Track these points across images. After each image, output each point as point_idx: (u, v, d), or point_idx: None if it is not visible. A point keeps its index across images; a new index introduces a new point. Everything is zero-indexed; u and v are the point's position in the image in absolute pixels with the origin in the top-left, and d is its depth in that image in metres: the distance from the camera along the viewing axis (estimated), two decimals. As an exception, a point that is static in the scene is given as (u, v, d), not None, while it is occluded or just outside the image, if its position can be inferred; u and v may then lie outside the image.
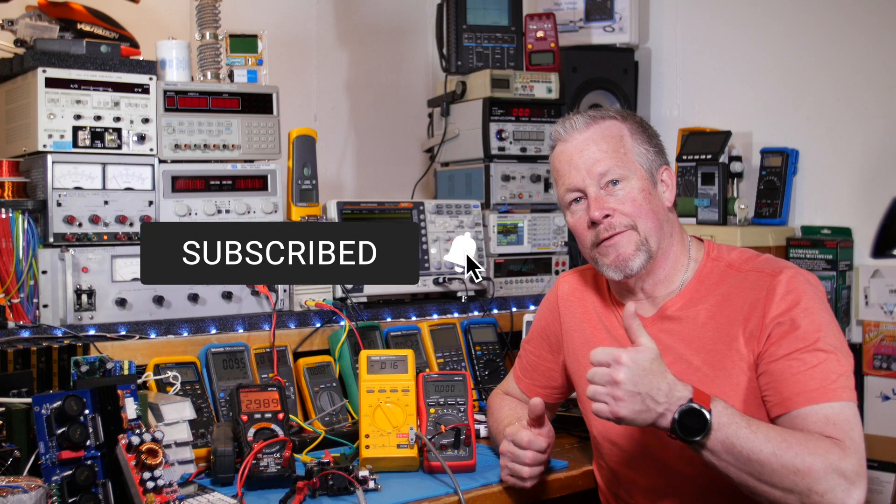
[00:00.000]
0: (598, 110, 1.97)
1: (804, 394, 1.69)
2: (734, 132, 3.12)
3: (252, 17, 3.11)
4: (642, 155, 1.91)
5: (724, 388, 1.79)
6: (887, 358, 2.80)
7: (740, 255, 1.91)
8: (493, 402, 2.25)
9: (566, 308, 2.10)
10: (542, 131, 3.13)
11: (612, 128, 1.92)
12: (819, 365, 1.70)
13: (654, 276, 1.92)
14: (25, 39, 2.39)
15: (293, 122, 2.80)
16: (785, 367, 1.72)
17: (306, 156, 2.67)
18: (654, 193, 1.90)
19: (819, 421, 1.66)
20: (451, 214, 2.89)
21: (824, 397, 1.67)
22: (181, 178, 2.49)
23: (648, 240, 1.87)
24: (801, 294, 1.77)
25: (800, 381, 1.70)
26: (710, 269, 1.90)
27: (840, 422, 1.66)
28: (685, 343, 1.86)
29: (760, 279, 1.81)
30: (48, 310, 2.29)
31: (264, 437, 1.97)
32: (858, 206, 2.91)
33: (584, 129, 1.92)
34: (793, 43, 3.09)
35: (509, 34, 3.21)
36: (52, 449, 1.68)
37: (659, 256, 1.90)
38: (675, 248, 1.92)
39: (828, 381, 1.69)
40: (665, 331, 1.89)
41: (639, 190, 1.88)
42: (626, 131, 1.92)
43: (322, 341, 2.53)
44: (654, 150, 1.94)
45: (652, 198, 1.89)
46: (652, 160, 1.92)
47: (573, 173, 1.91)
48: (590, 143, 1.90)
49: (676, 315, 1.89)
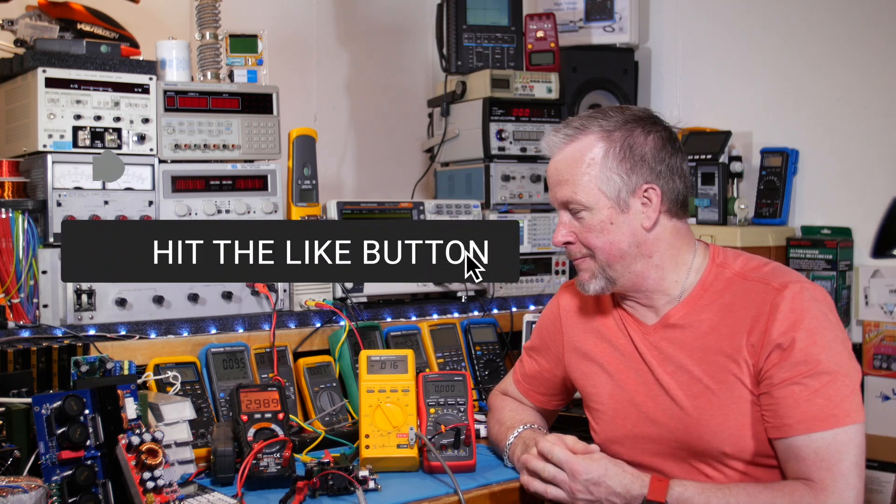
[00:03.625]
0: (586, 119, 1.88)
1: (804, 422, 1.69)
2: (734, 132, 3.12)
3: (252, 17, 3.11)
4: (609, 182, 1.82)
5: (725, 400, 1.79)
6: (887, 358, 2.80)
7: (746, 263, 1.87)
8: (494, 403, 2.25)
9: (568, 318, 2.09)
10: (541, 131, 3.13)
11: (585, 149, 1.84)
12: (822, 389, 1.69)
13: (639, 291, 1.90)
14: (25, 39, 2.39)
15: (293, 122, 2.80)
16: (787, 392, 1.71)
17: (306, 156, 2.67)
18: (622, 220, 1.84)
19: (808, 457, 1.68)
20: (451, 214, 2.89)
21: (824, 424, 1.67)
22: (181, 178, 2.49)
23: (606, 269, 1.87)
24: (804, 312, 1.73)
25: (800, 408, 1.69)
26: (714, 276, 1.87)
27: (829, 455, 1.66)
28: (687, 353, 1.85)
29: (766, 292, 1.78)
30: (48, 310, 2.29)
31: (264, 437, 1.97)
32: (858, 206, 2.91)
33: (558, 151, 1.89)
34: (793, 43, 3.09)
35: (509, 34, 3.21)
36: (52, 449, 1.68)
37: (634, 278, 1.88)
38: (661, 265, 1.87)
39: (830, 407, 1.68)
40: (667, 339, 1.88)
41: (598, 221, 1.84)
42: (600, 153, 1.83)
43: (322, 341, 2.53)
44: (629, 171, 1.82)
45: (615, 227, 1.84)
46: (622, 184, 1.82)
47: (550, 192, 1.94)
48: (560, 168, 1.88)
49: (679, 323, 1.87)
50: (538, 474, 1.87)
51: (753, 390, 1.77)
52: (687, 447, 1.83)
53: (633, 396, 1.91)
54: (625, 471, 1.78)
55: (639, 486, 1.75)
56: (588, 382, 2.02)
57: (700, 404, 1.81)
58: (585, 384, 2.03)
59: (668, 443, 1.86)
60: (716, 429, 1.79)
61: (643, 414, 1.89)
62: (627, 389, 1.93)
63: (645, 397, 1.89)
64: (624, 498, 1.75)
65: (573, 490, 1.80)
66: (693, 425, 1.81)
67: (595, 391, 2.00)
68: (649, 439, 1.89)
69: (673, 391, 1.85)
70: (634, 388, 1.92)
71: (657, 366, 1.88)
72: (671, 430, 1.85)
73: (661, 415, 1.86)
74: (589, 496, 1.78)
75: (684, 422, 1.83)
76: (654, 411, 1.88)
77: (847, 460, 1.66)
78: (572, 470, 1.80)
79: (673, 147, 1.88)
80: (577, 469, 1.79)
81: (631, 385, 1.92)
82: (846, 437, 1.67)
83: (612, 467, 1.79)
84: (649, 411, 1.88)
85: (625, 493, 1.75)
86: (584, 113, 1.95)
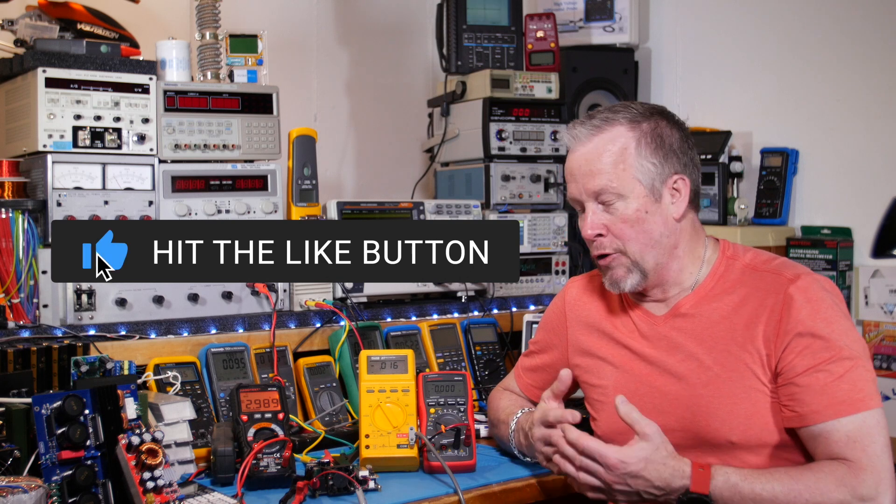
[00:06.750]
0: (610, 112, 1.89)
1: (832, 406, 1.69)
2: (734, 132, 3.12)
3: (252, 17, 3.11)
4: (644, 170, 1.83)
5: (734, 389, 1.79)
6: (887, 358, 2.80)
7: (756, 257, 1.89)
8: (493, 397, 2.25)
9: (573, 313, 2.10)
10: (542, 131, 3.13)
11: (616, 139, 1.85)
12: (846, 374, 1.70)
13: (661, 285, 1.91)
14: (25, 39, 2.39)
15: (293, 122, 2.80)
16: (812, 380, 1.71)
17: (306, 156, 2.67)
18: (655, 209, 1.85)
19: (841, 440, 1.68)
20: (451, 214, 2.89)
21: (852, 409, 1.68)
22: (181, 178, 2.49)
23: (639, 262, 1.86)
24: (819, 302, 1.75)
25: (828, 393, 1.70)
26: (725, 267, 1.89)
27: (861, 437, 1.67)
28: (697, 341, 1.85)
29: (778, 283, 1.79)
30: (48, 310, 2.29)
31: (264, 437, 1.97)
32: (858, 206, 2.91)
33: (586, 141, 1.87)
34: (793, 43, 3.09)
35: (509, 34, 3.21)
36: (52, 449, 1.68)
37: (659, 270, 1.88)
38: (682, 256, 1.89)
39: (855, 391, 1.69)
40: (677, 328, 1.88)
41: (634, 210, 1.83)
42: (632, 142, 1.84)
43: (322, 341, 2.53)
44: (663, 160, 1.84)
45: (649, 216, 1.84)
46: (657, 174, 1.84)
47: (573, 185, 1.89)
48: (589, 158, 1.85)
49: (690, 312, 1.88)
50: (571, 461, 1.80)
51: (764, 380, 1.77)
52: (694, 436, 1.82)
53: (639, 388, 1.90)
54: (665, 463, 1.72)
55: (679, 478, 1.70)
56: (592, 375, 2.01)
57: (709, 392, 1.81)
58: (590, 377, 2.02)
59: (674, 433, 1.84)
60: (724, 417, 1.78)
61: (650, 404, 1.87)
62: (633, 381, 1.92)
63: (651, 388, 1.89)
64: (664, 490, 1.71)
65: (609, 481, 1.73)
66: (701, 413, 1.81)
67: (600, 383, 1.99)
68: None
69: (683, 379, 1.85)
70: (641, 379, 1.91)
71: (666, 355, 1.88)
72: (679, 419, 1.84)
73: (669, 404, 1.86)
74: (626, 488, 1.73)
75: (692, 410, 1.82)
76: (661, 401, 1.87)
77: (878, 442, 1.67)
78: (608, 463, 1.72)
79: (691, 141, 1.91)
80: (612, 462, 1.72)
81: (637, 377, 1.92)
82: (874, 420, 1.68)
83: (651, 459, 1.72)
84: (657, 401, 1.87)
85: (665, 487, 1.71)
86: (601, 108, 1.95)
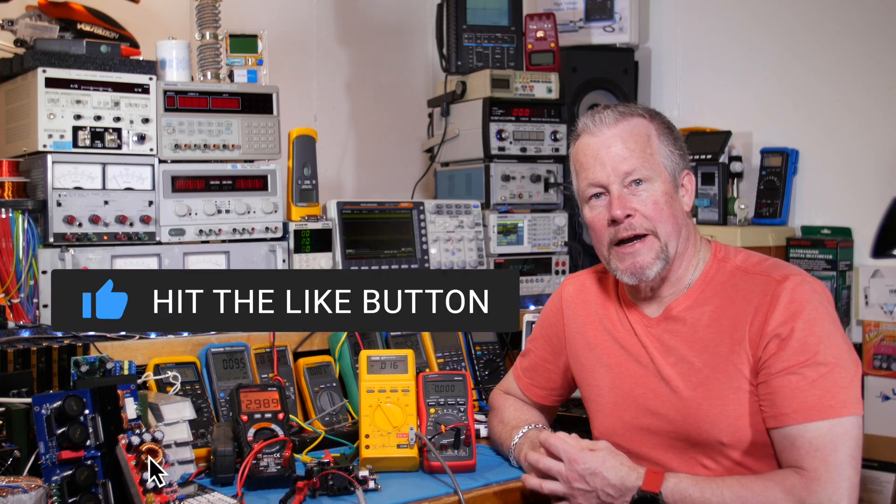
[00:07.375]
0: (626, 106, 1.93)
1: (800, 411, 1.69)
2: (734, 132, 3.12)
3: (252, 17, 3.11)
4: (667, 157, 1.88)
5: (724, 390, 1.79)
6: (887, 358, 2.80)
7: (748, 258, 1.89)
8: (496, 402, 2.25)
9: (570, 310, 2.10)
10: (542, 131, 3.13)
11: (640, 126, 1.89)
12: (819, 380, 1.69)
13: (667, 281, 1.91)
14: (25, 39, 2.38)
15: (293, 122, 2.80)
16: (785, 382, 1.72)
17: (306, 156, 2.67)
18: (675, 197, 1.88)
19: (803, 446, 1.68)
20: (451, 214, 2.89)
21: (820, 414, 1.68)
22: (181, 178, 2.49)
23: (668, 246, 1.86)
24: (804, 304, 1.75)
25: (797, 398, 1.70)
26: (716, 270, 1.90)
27: (824, 446, 1.67)
28: (688, 345, 1.86)
29: (767, 284, 1.80)
30: (48, 310, 2.29)
31: (264, 437, 1.97)
32: (858, 206, 2.91)
33: (612, 125, 1.88)
34: (793, 43, 3.09)
35: (509, 34, 3.21)
36: (52, 449, 1.68)
37: (674, 261, 1.89)
38: (688, 252, 1.92)
39: (827, 397, 1.69)
40: (669, 331, 1.89)
41: (662, 192, 1.86)
42: (653, 131, 1.89)
43: (322, 341, 2.53)
44: (679, 152, 1.91)
45: (673, 202, 1.87)
46: (676, 163, 1.89)
47: (597, 168, 1.88)
48: (617, 140, 1.87)
49: (681, 316, 1.89)
50: (535, 466, 1.88)
51: (752, 381, 1.78)
52: (686, 438, 1.84)
53: (633, 389, 1.92)
54: (622, 463, 1.79)
55: (634, 477, 1.76)
56: (588, 374, 2.03)
57: (699, 395, 1.82)
58: (585, 376, 2.04)
59: (667, 434, 1.86)
60: (714, 419, 1.79)
61: (643, 406, 1.90)
62: (627, 382, 1.94)
63: (645, 389, 1.90)
64: (619, 489, 1.76)
65: (570, 479, 1.80)
66: (692, 416, 1.82)
67: (595, 383, 2.01)
68: (649, 431, 1.90)
69: (674, 382, 1.86)
70: (635, 380, 1.93)
71: (659, 358, 1.89)
72: (670, 422, 1.86)
73: (661, 406, 1.87)
74: (585, 486, 1.79)
75: (683, 412, 1.84)
76: (654, 403, 1.89)
77: (842, 452, 1.66)
78: (571, 458, 1.80)
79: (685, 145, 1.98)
80: (575, 457, 1.80)
81: (631, 377, 1.93)
82: (842, 429, 1.67)
83: (609, 459, 1.79)
84: (649, 403, 1.89)
85: (620, 485, 1.76)
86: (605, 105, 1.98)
